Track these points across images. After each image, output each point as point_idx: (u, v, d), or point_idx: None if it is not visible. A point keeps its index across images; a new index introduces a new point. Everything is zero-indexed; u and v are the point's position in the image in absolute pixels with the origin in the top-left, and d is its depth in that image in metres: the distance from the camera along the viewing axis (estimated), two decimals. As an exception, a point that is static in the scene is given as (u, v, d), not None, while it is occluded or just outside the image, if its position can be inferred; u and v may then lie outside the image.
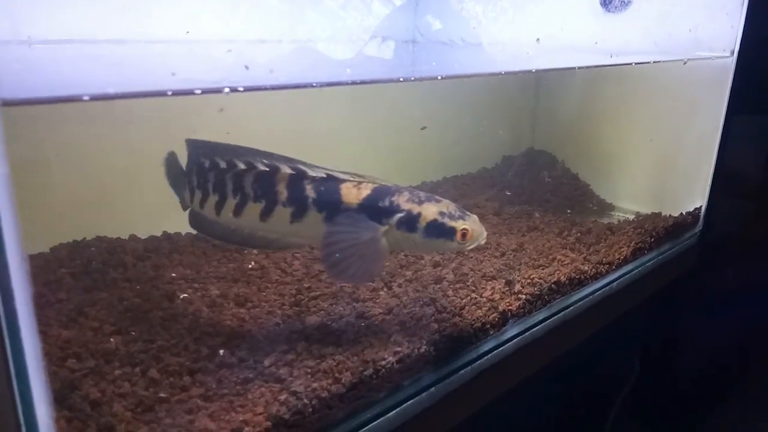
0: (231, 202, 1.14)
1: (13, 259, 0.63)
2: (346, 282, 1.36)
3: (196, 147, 1.21)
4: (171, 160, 1.25)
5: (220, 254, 1.53)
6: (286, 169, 1.11)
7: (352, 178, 1.14)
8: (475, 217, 1.18)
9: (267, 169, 1.11)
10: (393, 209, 1.12)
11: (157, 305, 1.26)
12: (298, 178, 1.12)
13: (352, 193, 1.12)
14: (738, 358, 2.33)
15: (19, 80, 0.74)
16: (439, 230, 1.13)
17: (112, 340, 1.12)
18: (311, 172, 1.12)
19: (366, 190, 1.13)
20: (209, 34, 0.99)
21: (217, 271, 1.45)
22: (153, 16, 0.98)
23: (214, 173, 1.16)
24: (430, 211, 1.14)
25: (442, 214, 1.14)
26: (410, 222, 1.12)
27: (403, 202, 1.13)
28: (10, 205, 0.63)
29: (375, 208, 1.12)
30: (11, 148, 1.20)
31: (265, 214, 1.13)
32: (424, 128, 1.95)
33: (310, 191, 1.11)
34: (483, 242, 1.19)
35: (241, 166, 1.12)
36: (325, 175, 1.13)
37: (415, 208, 1.13)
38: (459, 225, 1.14)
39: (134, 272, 1.39)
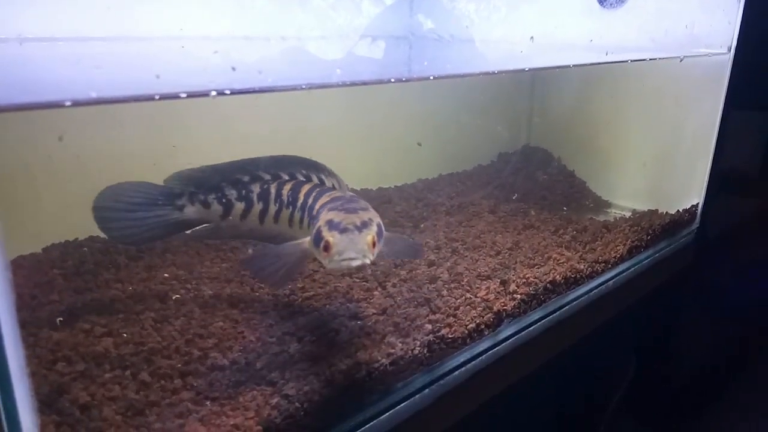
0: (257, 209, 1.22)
1: (-5, 266, 0.62)
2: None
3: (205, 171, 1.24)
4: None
5: (214, 254, 1.53)
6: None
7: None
8: (369, 237, 1.01)
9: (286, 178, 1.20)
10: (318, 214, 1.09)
11: (149, 306, 1.25)
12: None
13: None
14: (735, 355, 2.33)
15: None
16: (317, 238, 1.02)
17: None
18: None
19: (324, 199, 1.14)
20: (196, 33, 0.98)
21: (210, 271, 1.44)
22: (140, 13, 0.96)
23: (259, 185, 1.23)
24: (325, 217, 1.04)
25: (330, 222, 1.02)
26: (312, 226, 1.07)
27: (326, 209, 1.08)
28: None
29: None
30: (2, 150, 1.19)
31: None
32: (419, 144, 1.96)
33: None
34: (354, 265, 0.99)
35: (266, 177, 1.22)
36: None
37: (322, 215, 1.06)
38: (328, 235, 1.00)
39: (126, 273, 1.39)
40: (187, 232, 1.26)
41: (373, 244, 1.02)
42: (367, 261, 1.00)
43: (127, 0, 1.00)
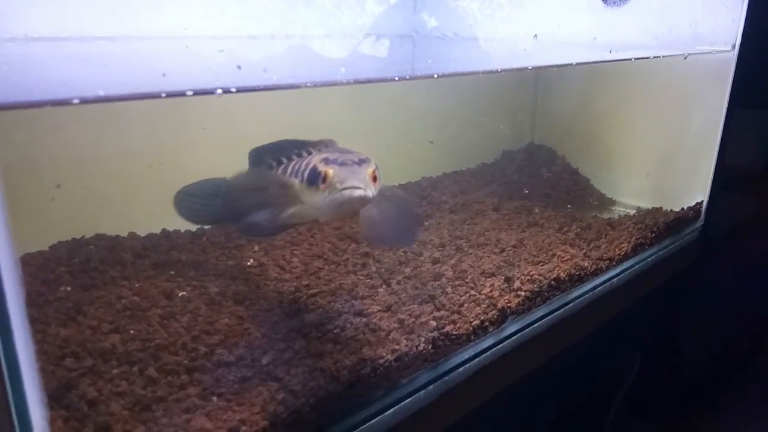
0: None
1: (5, 263, 0.62)
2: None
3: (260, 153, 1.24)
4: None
5: (219, 251, 1.53)
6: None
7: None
8: (369, 170, 0.98)
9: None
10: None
11: (156, 303, 1.25)
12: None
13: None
14: (739, 353, 2.33)
15: (6, 82, 0.74)
16: (312, 177, 0.98)
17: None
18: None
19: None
20: (201, 32, 0.99)
21: (216, 268, 1.45)
22: (144, 13, 0.97)
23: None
24: (318, 157, 1.00)
25: (326, 159, 0.98)
26: (304, 171, 1.02)
27: (316, 157, 1.02)
28: (1, 207, 0.63)
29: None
30: (7, 148, 1.20)
31: None
32: (431, 142, 1.95)
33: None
34: (356, 195, 0.95)
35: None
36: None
37: (313, 159, 1.01)
38: (326, 168, 0.96)
39: (133, 270, 1.39)
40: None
41: (374, 179, 0.98)
42: (369, 194, 0.95)
43: (132, 0, 1.01)
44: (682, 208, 2.06)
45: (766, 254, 2.23)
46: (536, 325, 1.43)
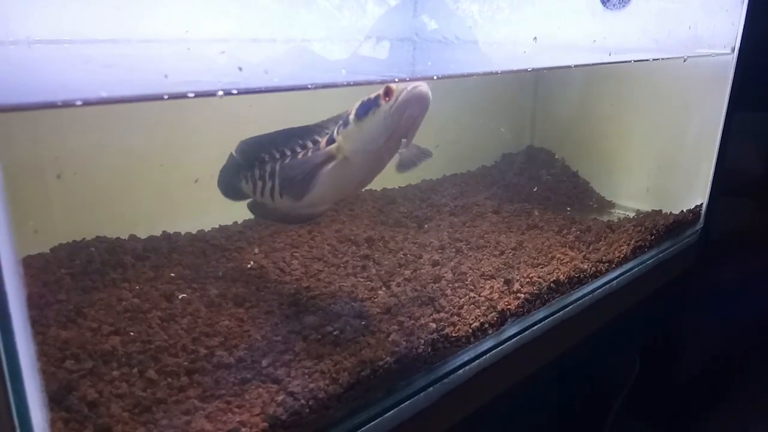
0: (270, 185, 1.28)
1: (6, 262, 0.63)
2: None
3: (251, 144, 1.32)
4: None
5: (219, 254, 1.54)
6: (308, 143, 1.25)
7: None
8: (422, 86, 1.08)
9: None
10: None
11: (156, 305, 1.26)
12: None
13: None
14: (739, 356, 2.33)
15: (8, 84, 0.74)
16: (365, 106, 1.09)
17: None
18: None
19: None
20: (202, 35, 0.99)
21: (216, 270, 1.45)
22: (146, 15, 0.98)
23: (268, 164, 1.30)
24: (360, 101, 1.12)
25: (368, 96, 1.10)
26: (346, 118, 1.13)
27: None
28: (3, 208, 0.63)
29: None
30: (9, 150, 1.21)
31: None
32: (437, 146, 1.96)
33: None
34: (424, 91, 1.07)
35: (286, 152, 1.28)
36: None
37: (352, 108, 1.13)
38: (380, 90, 1.07)
39: (133, 272, 1.40)
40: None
41: None
42: (430, 93, 1.05)
43: (133, 3, 1.01)
44: (682, 211, 2.06)
45: (765, 257, 2.23)
46: (536, 327, 1.43)
